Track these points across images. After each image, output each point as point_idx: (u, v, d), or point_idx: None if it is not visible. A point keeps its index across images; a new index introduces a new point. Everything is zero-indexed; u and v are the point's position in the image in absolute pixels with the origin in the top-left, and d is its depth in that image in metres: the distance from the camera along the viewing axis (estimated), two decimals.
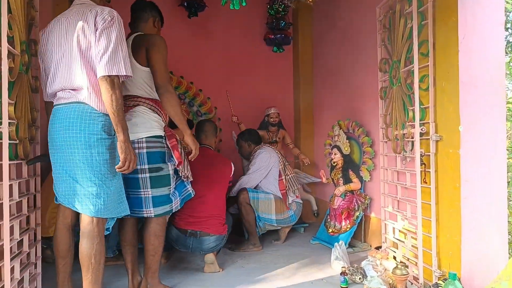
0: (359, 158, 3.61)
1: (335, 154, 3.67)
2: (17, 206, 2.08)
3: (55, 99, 2.02)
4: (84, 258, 1.92)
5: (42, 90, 2.17)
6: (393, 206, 2.88)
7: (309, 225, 4.30)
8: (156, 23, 2.51)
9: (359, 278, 2.58)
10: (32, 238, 2.31)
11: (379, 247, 3.04)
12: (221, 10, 4.42)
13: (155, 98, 2.33)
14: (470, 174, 2.18)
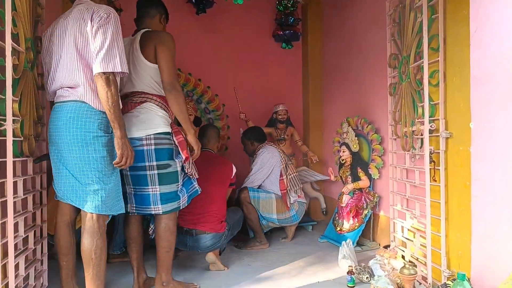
0: (368, 155, 3.56)
1: (343, 152, 3.62)
2: (22, 203, 2.09)
3: (55, 98, 2.04)
4: (85, 254, 1.96)
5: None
6: (402, 205, 2.83)
7: (317, 223, 4.26)
8: (162, 20, 2.51)
9: (366, 277, 2.54)
10: (39, 235, 2.32)
11: (387, 246, 2.99)
12: (229, 6, 4.42)
13: (162, 94, 2.33)
14: (481, 172, 2.11)
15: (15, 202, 1.93)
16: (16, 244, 1.96)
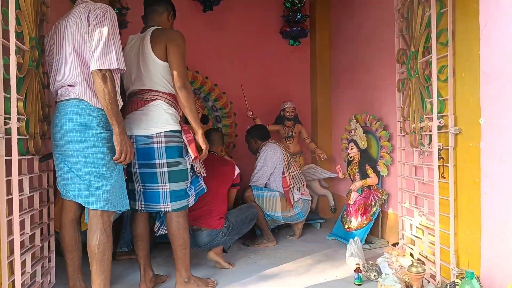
0: (376, 152, 3.52)
1: (351, 149, 3.58)
2: (28, 201, 2.10)
3: (57, 97, 2.06)
4: (89, 249, 1.99)
5: None
6: (410, 202, 2.79)
7: (325, 220, 4.24)
8: (170, 17, 2.52)
9: (374, 275, 2.51)
10: (46, 232, 2.34)
11: (396, 244, 2.95)
12: (236, 3, 4.41)
13: (172, 92, 2.33)
14: (491, 168, 2.07)
15: (21, 200, 1.95)
16: (23, 242, 1.98)
